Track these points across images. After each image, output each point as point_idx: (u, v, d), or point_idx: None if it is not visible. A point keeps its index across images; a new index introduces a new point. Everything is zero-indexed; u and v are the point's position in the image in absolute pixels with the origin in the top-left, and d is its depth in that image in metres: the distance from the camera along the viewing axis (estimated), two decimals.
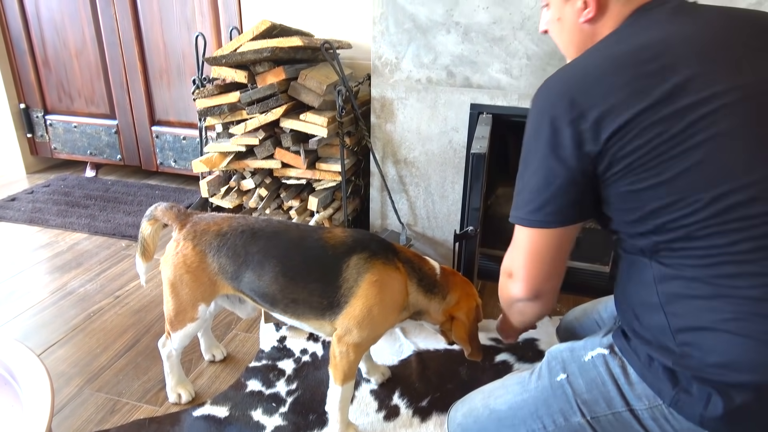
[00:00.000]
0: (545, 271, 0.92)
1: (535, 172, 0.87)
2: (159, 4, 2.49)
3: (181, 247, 1.25)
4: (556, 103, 0.84)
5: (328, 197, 1.97)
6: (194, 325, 1.30)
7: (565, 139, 0.83)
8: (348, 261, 1.17)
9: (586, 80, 0.83)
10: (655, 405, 0.86)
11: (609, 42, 0.88)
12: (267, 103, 1.81)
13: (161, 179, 2.89)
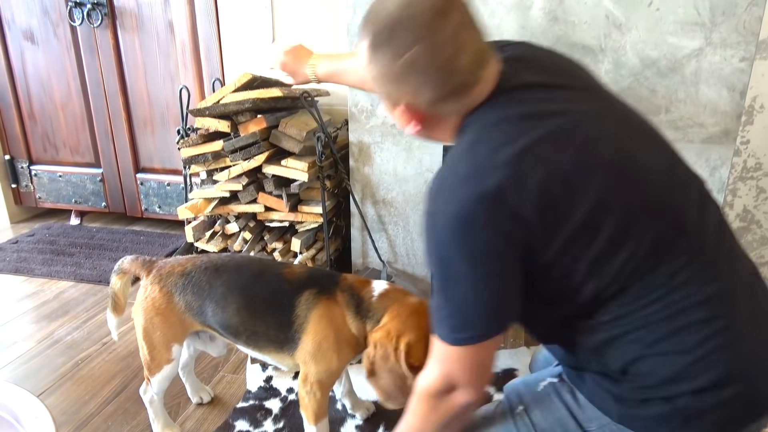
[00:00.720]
0: (492, 368, 0.93)
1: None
2: (143, 57, 2.59)
3: (148, 291, 1.31)
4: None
5: (311, 238, 2.04)
6: (170, 367, 1.34)
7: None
8: (300, 297, 1.22)
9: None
10: (605, 423, 0.92)
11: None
12: (249, 150, 1.90)
13: (146, 225, 2.93)
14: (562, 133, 0.84)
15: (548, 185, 0.80)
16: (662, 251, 0.83)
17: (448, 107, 0.90)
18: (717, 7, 1.58)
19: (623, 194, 0.83)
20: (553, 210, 0.81)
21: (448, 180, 0.86)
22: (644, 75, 1.67)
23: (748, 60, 1.60)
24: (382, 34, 0.85)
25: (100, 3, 2.53)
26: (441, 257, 0.85)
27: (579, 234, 0.82)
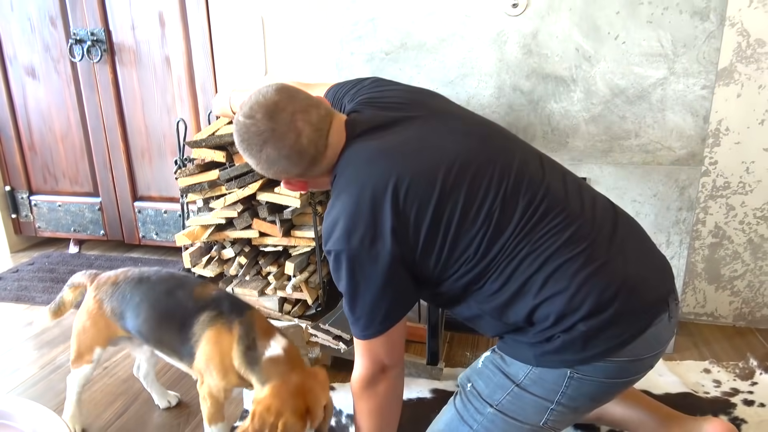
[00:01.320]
0: (403, 340, 1.20)
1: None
2: (141, 91, 2.70)
3: (86, 298, 1.48)
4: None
5: (304, 261, 2.12)
6: (89, 368, 1.50)
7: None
8: (199, 316, 1.32)
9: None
10: (529, 370, 1.11)
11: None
12: (244, 179, 1.99)
13: (143, 252, 3.01)
14: (392, 162, 1.09)
15: (397, 206, 1.04)
16: (502, 219, 1.05)
17: (314, 172, 1.16)
18: (678, 39, 1.70)
19: (455, 184, 1.07)
20: (410, 219, 1.05)
21: (330, 226, 1.09)
22: (614, 103, 1.78)
23: (709, 88, 1.72)
24: (242, 147, 1.13)
25: (99, 40, 2.64)
26: (342, 280, 1.09)
27: (432, 232, 1.05)
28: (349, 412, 1.67)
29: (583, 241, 1.04)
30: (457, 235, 1.05)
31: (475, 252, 1.05)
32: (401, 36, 1.87)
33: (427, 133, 1.14)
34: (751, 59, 1.94)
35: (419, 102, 1.24)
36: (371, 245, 1.04)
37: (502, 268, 1.05)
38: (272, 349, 1.28)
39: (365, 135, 1.15)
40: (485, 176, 1.07)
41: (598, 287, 1.01)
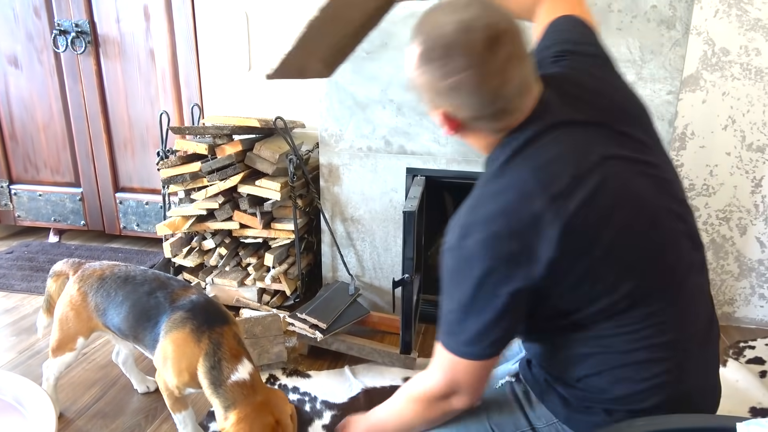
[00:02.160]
0: (489, 377, 1.01)
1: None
2: (125, 83, 2.72)
3: (70, 288, 1.49)
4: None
5: (283, 254, 2.17)
6: (72, 355, 1.53)
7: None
8: (172, 315, 1.33)
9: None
10: (552, 422, 1.02)
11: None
12: (226, 171, 2.03)
13: (124, 242, 3.02)
14: (590, 193, 0.88)
15: (566, 239, 0.87)
16: (651, 295, 0.93)
17: (483, 125, 0.95)
18: (645, 46, 1.78)
19: (627, 253, 0.91)
20: (567, 259, 0.88)
21: (478, 220, 0.90)
22: None
23: (674, 93, 1.81)
24: (435, 52, 0.89)
25: (84, 31, 2.66)
26: (463, 284, 0.91)
27: (582, 280, 0.90)
28: (324, 398, 1.73)
29: (680, 350, 0.96)
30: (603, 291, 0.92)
31: (608, 304, 0.92)
32: (382, 36, 1.92)
33: (617, 173, 0.93)
34: (716, 67, 2.04)
35: (604, 102, 1.01)
36: (517, 266, 0.88)
37: (608, 327, 0.94)
38: (239, 374, 1.26)
39: (549, 131, 0.94)
40: (662, 266, 0.94)
41: (664, 396, 0.95)
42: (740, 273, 2.23)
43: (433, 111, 0.98)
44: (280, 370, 1.86)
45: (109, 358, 1.93)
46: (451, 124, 0.96)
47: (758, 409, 1.69)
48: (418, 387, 1.03)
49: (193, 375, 1.31)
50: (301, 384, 1.80)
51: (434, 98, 0.95)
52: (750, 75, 2.01)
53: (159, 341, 1.35)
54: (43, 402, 0.97)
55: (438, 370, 0.98)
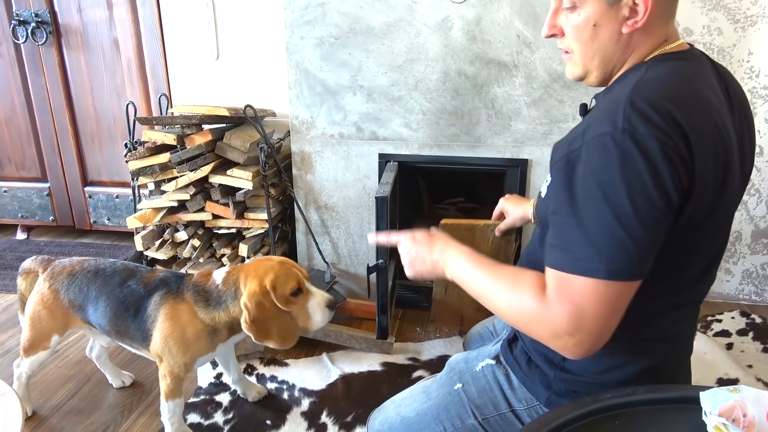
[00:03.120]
0: (614, 329, 0.81)
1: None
2: (89, 74, 2.65)
3: (40, 287, 1.47)
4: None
5: (258, 243, 2.16)
6: (45, 353, 1.52)
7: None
8: (151, 299, 1.37)
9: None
10: (532, 405, 1.02)
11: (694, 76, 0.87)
12: (196, 161, 2.00)
13: (95, 237, 2.97)
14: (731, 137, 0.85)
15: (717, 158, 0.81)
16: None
17: (669, 5, 0.88)
18: None
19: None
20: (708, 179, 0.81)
21: (650, 103, 0.78)
22: (553, 87, 1.88)
23: None
24: None
25: (44, 21, 2.58)
26: (608, 182, 0.76)
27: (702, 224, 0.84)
28: (302, 386, 1.73)
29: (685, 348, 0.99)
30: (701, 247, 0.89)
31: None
32: (350, 21, 1.91)
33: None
34: None
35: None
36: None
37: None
38: (218, 276, 1.35)
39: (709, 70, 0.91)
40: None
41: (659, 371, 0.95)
42: None
43: (617, 3, 0.85)
44: (258, 360, 1.86)
45: (83, 354, 1.90)
46: (646, 3, 0.83)
47: (725, 380, 1.74)
48: (537, 309, 0.82)
49: (198, 333, 1.34)
50: (278, 373, 1.80)
51: None
52: (713, 54, 2.05)
53: (153, 327, 1.35)
54: (8, 396, 0.95)
55: (558, 302, 0.79)
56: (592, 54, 0.91)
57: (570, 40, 0.92)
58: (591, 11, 0.87)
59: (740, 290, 2.31)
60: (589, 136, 0.80)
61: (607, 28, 0.87)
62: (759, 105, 2.08)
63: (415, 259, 1.02)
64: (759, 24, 1.99)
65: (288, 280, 1.31)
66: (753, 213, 2.20)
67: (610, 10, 0.86)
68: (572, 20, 0.89)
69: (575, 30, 0.90)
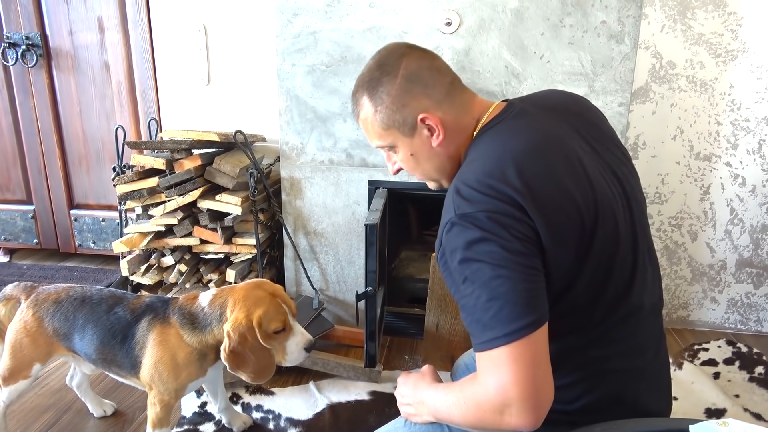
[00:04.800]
0: (548, 384, 0.81)
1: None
2: (79, 96, 2.65)
3: (23, 314, 1.44)
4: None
5: (246, 269, 2.14)
6: (26, 383, 1.47)
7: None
8: (138, 325, 1.35)
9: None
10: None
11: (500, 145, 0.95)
12: (185, 186, 2.00)
13: (79, 261, 2.93)
14: (568, 163, 0.92)
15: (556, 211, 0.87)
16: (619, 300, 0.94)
17: (455, 106, 1.01)
18: (597, 60, 1.84)
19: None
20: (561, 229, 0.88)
21: (470, 186, 0.88)
22: None
23: (625, 105, 1.87)
24: (373, 76, 1.02)
25: (35, 44, 2.58)
26: (474, 258, 0.84)
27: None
28: (288, 415, 1.70)
29: (639, 358, 0.99)
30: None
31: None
32: (341, 50, 1.93)
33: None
34: (664, 79, 2.12)
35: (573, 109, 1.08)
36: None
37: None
38: (204, 299, 1.34)
39: (524, 116, 1.01)
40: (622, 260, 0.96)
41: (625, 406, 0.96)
42: (693, 278, 2.31)
43: (413, 135, 1.02)
44: (243, 389, 1.83)
45: (63, 382, 1.85)
46: (435, 121, 0.99)
47: (712, 410, 1.74)
48: (472, 394, 0.86)
49: (186, 358, 1.32)
50: (264, 402, 1.77)
51: (404, 111, 1.00)
52: (696, 87, 2.10)
53: (141, 354, 1.33)
54: None
55: (484, 378, 0.83)
56: (428, 171, 1.08)
57: (410, 170, 1.10)
58: (402, 147, 1.05)
59: (726, 319, 2.33)
60: (441, 231, 0.91)
61: (422, 151, 1.04)
62: (741, 137, 2.13)
63: (401, 402, 1.09)
64: (739, 59, 2.05)
65: (275, 317, 1.29)
66: (737, 242, 2.23)
67: (415, 139, 1.02)
68: (399, 157, 1.08)
69: (405, 164, 1.08)
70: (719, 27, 2.03)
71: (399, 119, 1.01)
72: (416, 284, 2.32)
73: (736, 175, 2.17)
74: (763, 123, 2.11)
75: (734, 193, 2.19)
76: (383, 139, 1.05)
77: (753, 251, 2.24)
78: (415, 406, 1.04)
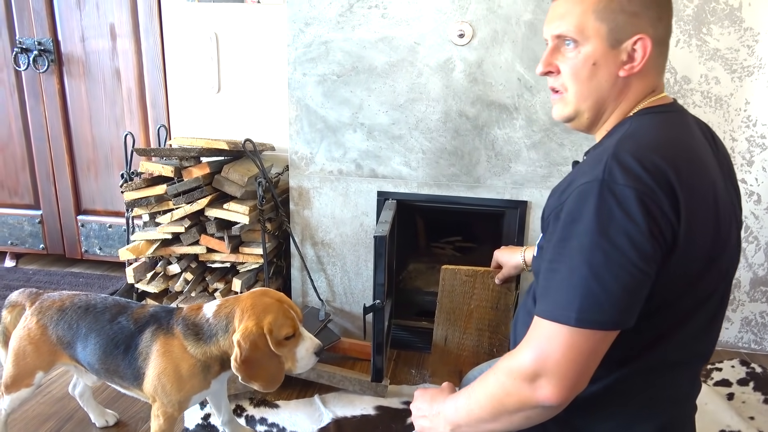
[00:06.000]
0: (587, 376, 0.80)
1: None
2: (89, 102, 2.65)
3: (27, 321, 1.42)
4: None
5: (252, 278, 2.12)
6: (28, 391, 1.45)
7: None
8: (142, 335, 1.33)
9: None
10: None
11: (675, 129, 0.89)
12: (192, 194, 1.98)
13: (85, 267, 2.92)
14: (719, 189, 0.87)
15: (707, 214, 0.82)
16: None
17: (661, 58, 0.91)
18: None
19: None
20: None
21: (633, 154, 0.79)
22: (553, 131, 1.88)
23: None
24: None
25: (47, 50, 2.59)
26: (585, 232, 0.77)
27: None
28: (292, 429, 1.67)
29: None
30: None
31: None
32: (353, 60, 1.92)
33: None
34: (678, 95, 2.09)
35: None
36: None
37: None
38: (208, 310, 1.32)
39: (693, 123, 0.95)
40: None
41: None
42: None
43: (615, 44, 0.88)
44: (248, 401, 1.80)
45: (66, 390, 1.83)
46: (644, 51, 0.87)
47: None
48: (504, 362, 0.85)
49: (190, 369, 1.30)
50: (269, 415, 1.74)
51: (628, 19, 0.86)
52: (711, 103, 2.08)
53: (145, 365, 1.31)
54: None
55: (527, 345, 0.81)
56: (587, 93, 0.91)
57: (566, 77, 0.93)
58: (592, 50, 0.88)
59: (740, 338, 2.28)
60: (572, 188, 0.82)
61: (606, 69, 0.89)
62: (757, 153, 2.10)
63: (417, 416, 1.03)
64: (756, 74, 2.03)
65: (285, 324, 1.27)
66: (751, 261, 2.19)
67: (611, 52, 0.88)
68: (571, 58, 0.91)
69: (574, 68, 0.91)
70: (735, 42, 2.01)
71: (620, 22, 0.86)
72: (424, 297, 2.29)
73: (752, 192, 2.14)
74: None
75: (749, 210, 2.15)
76: (581, 28, 0.88)
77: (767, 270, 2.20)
78: (430, 419, 1.00)
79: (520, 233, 1.99)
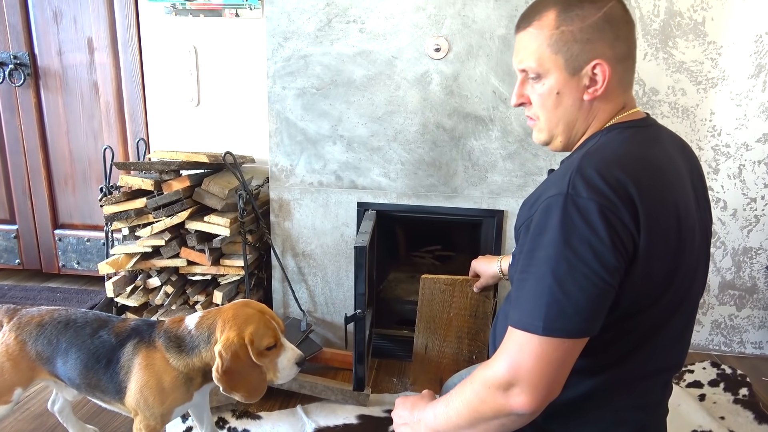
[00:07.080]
0: (559, 383, 0.83)
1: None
2: (66, 116, 2.64)
3: (5, 338, 1.41)
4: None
5: (233, 290, 2.12)
6: (6, 408, 1.44)
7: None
8: (123, 349, 1.34)
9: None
10: None
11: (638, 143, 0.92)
12: (173, 207, 1.99)
13: (63, 281, 2.88)
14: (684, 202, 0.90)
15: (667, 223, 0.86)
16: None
17: (626, 75, 0.95)
18: None
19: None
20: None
21: (596, 169, 0.83)
22: (527, 141, 1.94)
23: None
24: (571, 2, 0.92)
25: (23, 63, 2.57)
26: (550, 243, 0.81)
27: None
28: None
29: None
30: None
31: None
32: (332, 74, 1.95)
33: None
34: (647, 106, 2.17)
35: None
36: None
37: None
38: (190, 322, 1.33)
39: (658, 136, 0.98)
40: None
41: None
42: None
43: (575, 75, 0.93)
44: (230, 413, 1.80)
45: (45, 407, 1.81)
46: (604, 74, 0.91)
47: None
48: (479, 373, 0.88)
49: (173, 382, 1.30)
50: (251, 426, 1.75)
51: (583, 47, 0.90)
52: (678, 113, 2.16)
53: (126, 379, 1.31)
54: None
55: (501, 354, 0.84)
56: (556, 120, 0.97)
57: (536, 108, 0.99)
58: (554, 81, 0.94)
59: (710, 340, 2.35)
60: (540, 201, 0.87)
61: (570, 96, 0.94)
62: (722, 162, 2.18)
63: (398, 424, 1.06)
64: (719, 86, 2.11)
65: (266, 334, 1.29)
66: (719, 265, 2.27)
67: (572, 80, 0.93)
68: (537, 89, 0.97)
69: (540, 98, 0.97)
70: (699, 55, 2.09)
71: (574, 51, 0.91)
72: (404, 306, 2.32)
73: (718, 199, 2.22)
74: (743, 148, 2.16)
75: (716, 216, 2.23)
76: (541, 62, 0.93)
77: (735, 274, 2.27)
78: (411, 426, 1.02)
79: (498, 241, 2.04)
